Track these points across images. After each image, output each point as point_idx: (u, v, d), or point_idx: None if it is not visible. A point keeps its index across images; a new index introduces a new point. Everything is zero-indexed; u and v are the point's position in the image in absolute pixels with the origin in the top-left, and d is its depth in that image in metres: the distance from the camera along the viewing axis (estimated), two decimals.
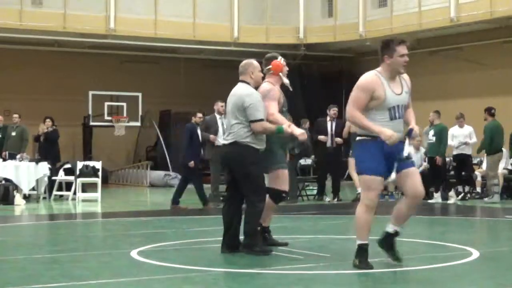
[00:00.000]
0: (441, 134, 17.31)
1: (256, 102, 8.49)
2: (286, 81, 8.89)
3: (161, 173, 24.76)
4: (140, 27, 23.17)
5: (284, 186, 8.86)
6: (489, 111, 17.65)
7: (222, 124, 15.70)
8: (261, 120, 8.47)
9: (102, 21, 22.86)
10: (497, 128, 17.49)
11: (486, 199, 17.48)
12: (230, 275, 7.64)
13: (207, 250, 9.27)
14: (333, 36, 24.61)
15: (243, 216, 8.76)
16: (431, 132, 17.39)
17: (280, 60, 9.00)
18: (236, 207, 8.82)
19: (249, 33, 24.55)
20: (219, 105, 16.16)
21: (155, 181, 24.45)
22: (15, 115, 19.40)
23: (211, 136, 15.84)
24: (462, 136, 17.96)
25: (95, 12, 22.82)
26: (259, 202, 8.55)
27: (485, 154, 17.72)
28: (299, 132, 8.61)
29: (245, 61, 8.87)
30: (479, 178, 18.28)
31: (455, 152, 17.94)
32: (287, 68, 9.01)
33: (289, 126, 8.54)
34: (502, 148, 17.61)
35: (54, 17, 22.15)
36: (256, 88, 8.71)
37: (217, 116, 16.12)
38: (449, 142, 17.79)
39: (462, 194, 17.87)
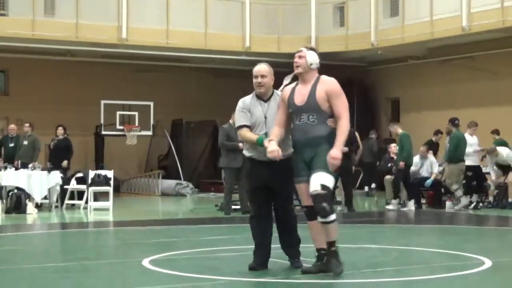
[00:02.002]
0: (402, 142, 17.48)
1: (236, 110, 8.35)
2: (284, 82, 8.61)
3: (172, 182, 24.77)
4: (152, 36, 23.20)
5: (304, 201, 8.07)
6: (453, 122, 17.76)
7: None
8: (239, 127, 8.27)
9: (114, 31, 22.89)
10: (463, 138, 17.63)
11: (455, 207, 17.62)
12: (241, 284, 7.64)
13: (218, 259, 9.26)
14: (345, 46, 24.59)
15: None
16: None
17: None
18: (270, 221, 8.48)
19: (260, 43, 24.56)
20: None
21: (166, 190, 24.46)
22: (26, 125, 19.47)
23: (240, 145, 16.00)
24: (475, 145, 18.06)
25: (107, 22, 22.85)
26: (251, 214, 8.47)
27: (447, 163, 17.78)
28: (270, 150, 7.79)
29: None
30: (492, 187, 18.21)
31: (468, 162, 17.92)
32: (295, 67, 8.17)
33: (269, 141, 7.85)
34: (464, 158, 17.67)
35: (66, 27, 22.20)
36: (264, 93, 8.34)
37: (234, 126, 16.20)
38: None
39: (474, 203, 17.82)
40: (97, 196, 18.34)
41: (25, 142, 19.12)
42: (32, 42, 22.06)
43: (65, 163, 18.81)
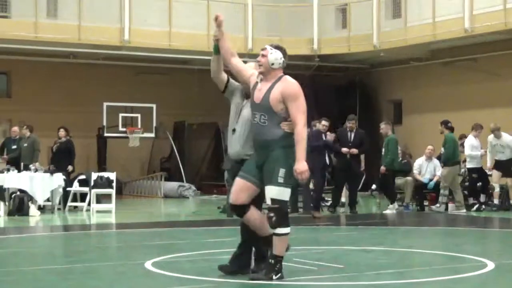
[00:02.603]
0: (388, 145, 17.45)
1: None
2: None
3: (175, 184, 24.77)
4: (154, 38, 23.22)
5: (231, 198, 7.86)
6: (446, 124, 17.81)
7: None
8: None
9: (117, 33, 22.90)
10: (457, 140, 17.84)
11: (433, 206, 17.75)
12: (244, 287, 7.63)
13: (221, 261, 9.25)
14: (347, 47, 24.60)
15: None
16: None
17: None
18: None
19: (263, 45, 24.08)
20: None
21: (169, 192, 24.46)
22: (24, 127, 19.45)
23: None
24: (479, 147, 18.03)
25: (110, 24, 22.86)
26: None
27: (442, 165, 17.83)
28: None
29: None
30: (497, 189, 18.05)
31: (473, 164, 17.92)
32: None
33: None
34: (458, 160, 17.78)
35: (69, 29, 22.21)
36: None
37: None
38: (469, 152, 17.82)
39: (477, 205, 17.80)
40: (100, 198, 18.36)
41: (25, 145, 19.12)
42: (35, 44, 22.08)
43: (70, 168, 18.84)
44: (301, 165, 7.45)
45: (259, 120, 7.68)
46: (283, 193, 7.56)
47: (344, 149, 16.94)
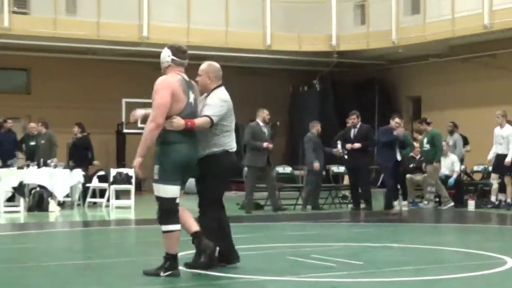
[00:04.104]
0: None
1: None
2: None
3: (193, 180, 24.75)
4: (173, 35, 23.20)
5: None
6: (426, 121, 17.92)
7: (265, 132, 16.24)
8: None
9: (135, 29, 22.95)
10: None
11: (421, 204, 17.65)
12: (262, 283, 7.63)
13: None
14: (366, 44, 24.54)
15: None
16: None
17: None
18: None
19: (281, 41, 24.55)
20: (265, 113, 16.27)
21: (187, 188, 24.36)
22: (39, 124, 19.50)
23: (264, 144, 16.01)
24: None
25: (129, 20, 22.91)
26: None
27: (425, 163, 17.72)
28: None
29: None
30: (495, 186, 17.63)
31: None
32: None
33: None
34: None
35: (88, 25, 22.28)
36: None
37: (261, 124, 16.26)
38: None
39: (497, 202, 17.63)
40: (119, 194, 18.41)
41: (42, 141, 19.18)
42: (54, 41, 22.15)
43: (96, 162, 19.00)
44: (135, 160, 7.78)
45: None
46: (160, 190, 7.89)
47: (348, 145, 16.84)
